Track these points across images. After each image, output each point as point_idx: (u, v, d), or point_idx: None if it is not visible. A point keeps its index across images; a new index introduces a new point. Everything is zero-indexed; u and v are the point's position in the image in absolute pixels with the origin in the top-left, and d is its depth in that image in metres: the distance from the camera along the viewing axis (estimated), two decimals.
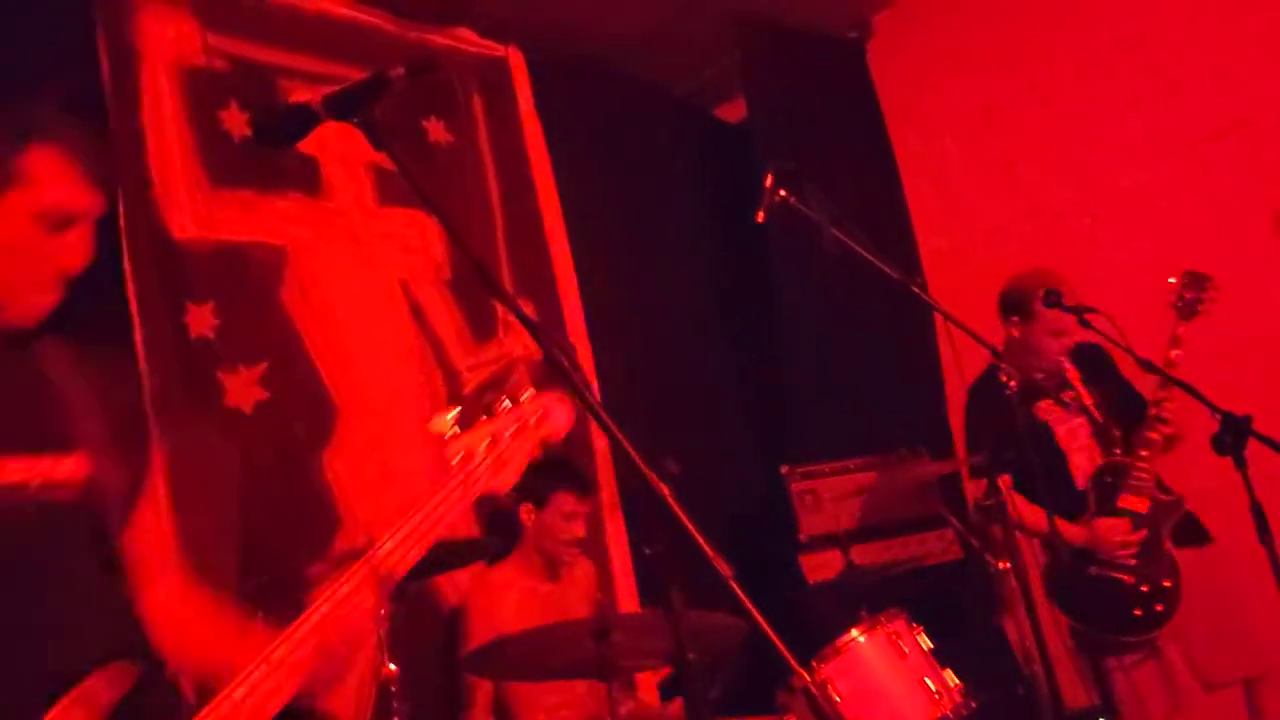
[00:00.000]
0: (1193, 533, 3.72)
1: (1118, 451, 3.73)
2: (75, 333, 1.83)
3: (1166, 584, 3.57)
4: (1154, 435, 3.60)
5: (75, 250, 1.70)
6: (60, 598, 1.71)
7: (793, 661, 1.36)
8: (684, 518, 1.46)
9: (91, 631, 1.73)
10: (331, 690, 1.75)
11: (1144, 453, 3.61)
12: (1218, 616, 3.62)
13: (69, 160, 1.68)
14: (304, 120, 1.80)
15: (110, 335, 3.21)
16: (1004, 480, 3.60)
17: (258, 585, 3.27)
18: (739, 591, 1.42)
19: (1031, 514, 3.50)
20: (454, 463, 1.71)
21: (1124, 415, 3.80)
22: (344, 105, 1.78)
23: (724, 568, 1.44)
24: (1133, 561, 3.58)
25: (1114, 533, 3.57)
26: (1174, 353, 3.55)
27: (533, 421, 1.77)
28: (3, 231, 1.64)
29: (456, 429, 1.73)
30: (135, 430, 1.87)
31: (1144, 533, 3.59)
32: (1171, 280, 3.64)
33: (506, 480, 1.76)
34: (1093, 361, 3.91)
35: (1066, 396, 3.84)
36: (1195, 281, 3.61)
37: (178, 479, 3.26)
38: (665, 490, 1.48)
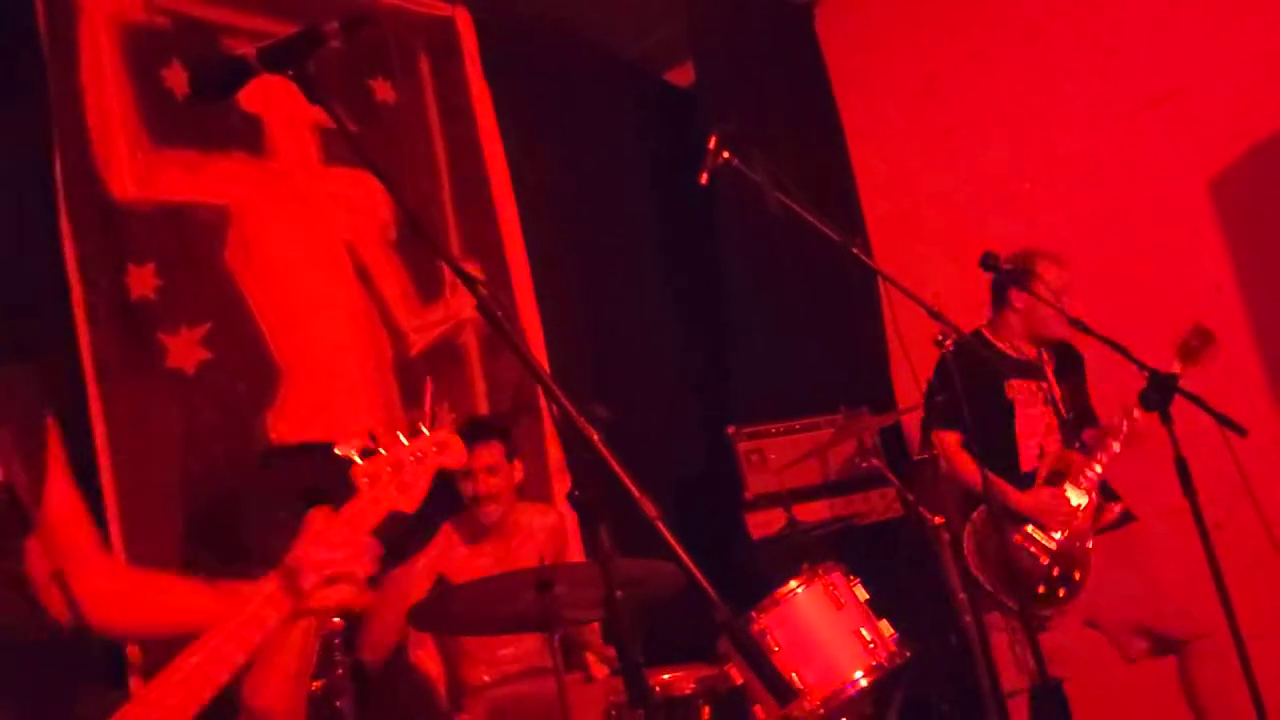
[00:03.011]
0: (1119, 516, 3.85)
1: (1077, 446, 3.84)
2: None
3: (1076, 575, 3.69)
4: (1117, 447, 3.73)
5: None
6: None
7: (714, 595, 1.41)
8: (612, 461, 1.50)
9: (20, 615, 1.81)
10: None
11: (1100, 458, 3.74)
12: (1135, 594, 3.76)
13: None
14: (238, 72, 1.80)
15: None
16: (952, 437, 3.70)
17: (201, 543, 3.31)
18: (665, 531, 1.46)
19: (972, 473, 3.60)
20: (362, 484, 1.90)
21: (1076, 415, 3.93)
22: (278, 58, 1.78)
23: (650, 508, 1.48)
24: (1054, 545, 3.70)
25: (1059, 504, 3.69)
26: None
27: (433, 450, 1.99)
28: None
29: (360, 457, 1.93)
30: (35, 437, 1.92)
31: (1083, 521, 3.71)
32: (1189, 327, 3.75)
33: (411, 501, 1.95)
34: (1065, 359, 4.03)
35: (1038, 385, 3.94)
36: (1202, 336, 3.72)
37: (117, 441, 3.26)
38: (594, 434, 1.52)
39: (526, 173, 4.74)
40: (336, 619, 2.79)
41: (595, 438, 1.53)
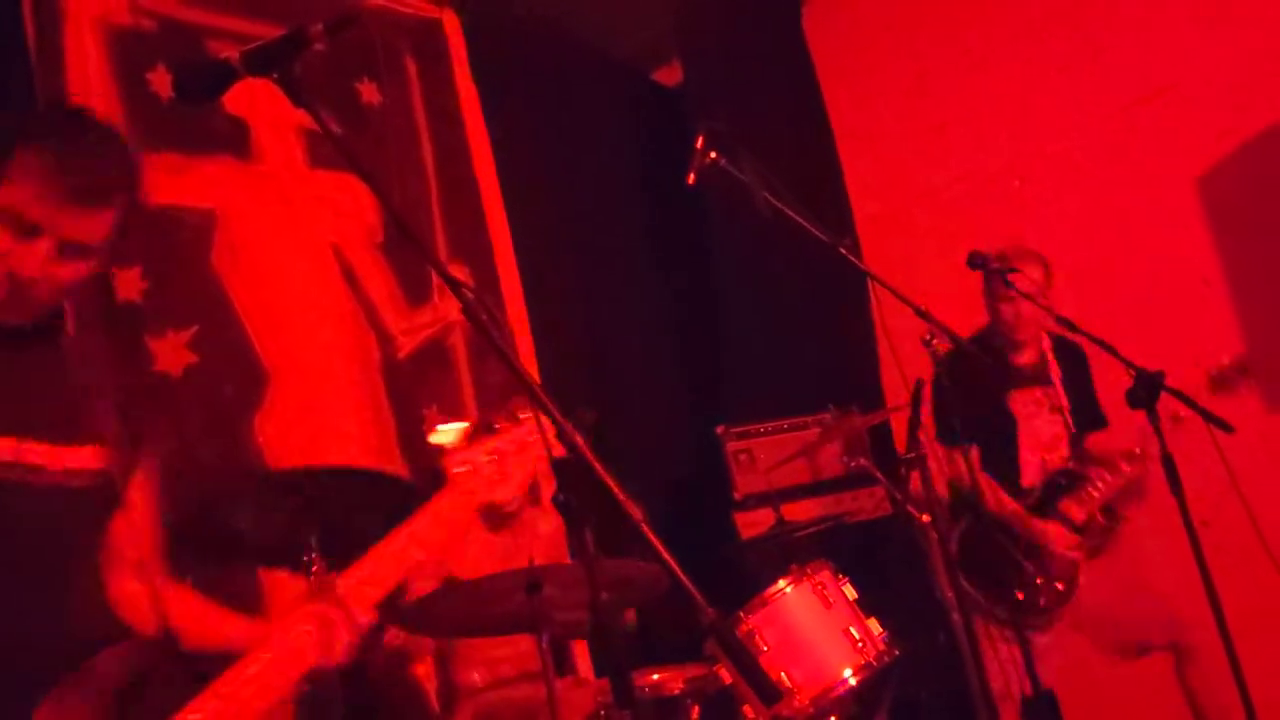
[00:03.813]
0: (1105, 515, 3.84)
1: (1078, 457, 3.84)
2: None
3: (1060, 586, 3.69)
4: (1115, 478, 3.71)
5: (32, 259, 1.69)
6: (68, 576, 1.80)
7: (699, 599, 1.41)
8: (597, 464, 1.50)
9: (97, 610, 1.83)
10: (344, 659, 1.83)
11: (1108, 477, 3.72)
12: (1125, 595, 3.76)
13: (54, 169, 1.67)
14: (223, 76, 1.79)
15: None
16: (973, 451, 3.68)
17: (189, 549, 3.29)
18: (649, 534, 1.46)
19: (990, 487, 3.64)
20: (456, 473, 1.81)
21: (1083, 419, 3.90)
22: (263, 61, 1.77)
23: (635, 511, 1.48)
24: (1035, 561, 3.69)
25: (1061, 541, 3.69)
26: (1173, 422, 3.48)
27: (533, 440, 1.86)
28: None
29: (459, 442, 1.85)
30: (136, 424, 1.93)
31: (1082, 545, 3.71)
32: (1224, 361, 3.69)
33: (508, 493, 1.86)
34: (1072, 360, 3.99)
35: (1044, 392, 3.91)
36: (1239, 369, 3.67)
37: None
38: (579, 438, 1.52)
39: (515, 174, 4.73)
40: None
41: (580, 441, 1.53)
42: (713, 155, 3.27)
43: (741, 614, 3.10)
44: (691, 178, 3.28)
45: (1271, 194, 4.56)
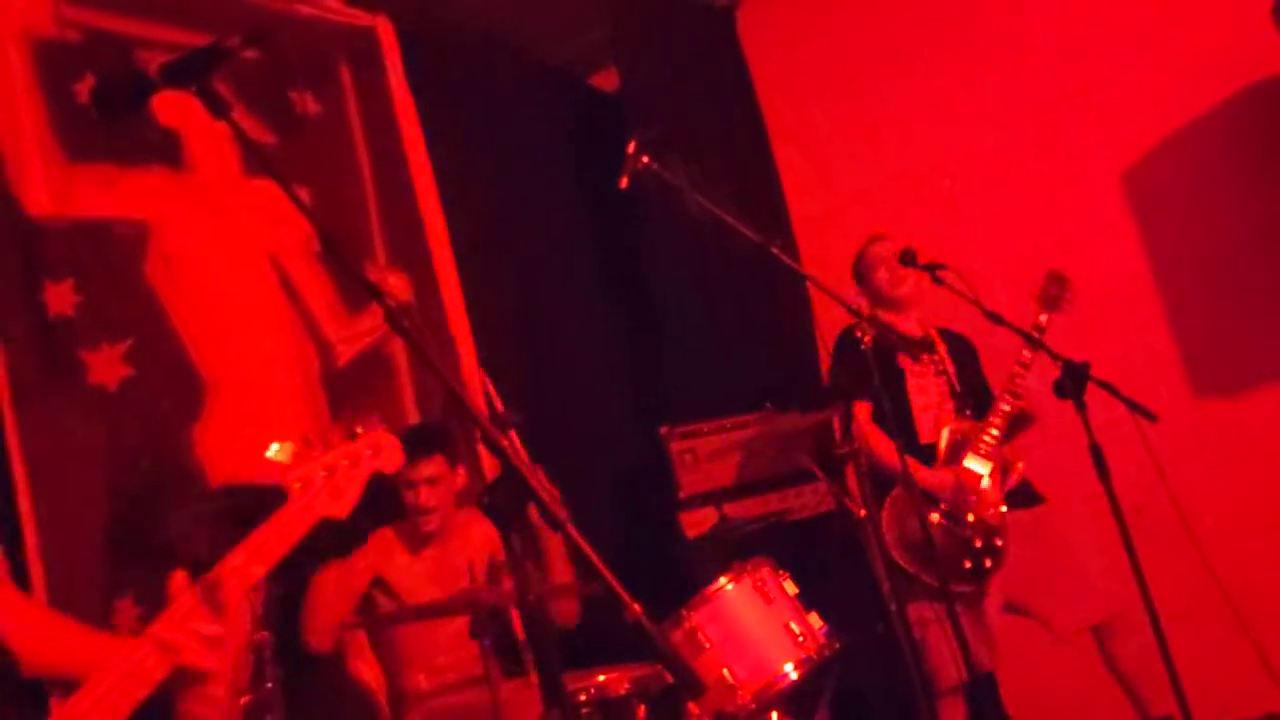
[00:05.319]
0: (1026, 496, 3.92)
1: (968, 414, 3.91)
2: None
3: (998, 543, 3.74)
4: (1006, 406, 3.78)
5: None
6: None
7: (625, 596, 1.43)
8: (521, 468, 1.53)
9: None
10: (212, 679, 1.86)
11: (995, 420, 3.79)
12: (1057, 572, 3.84)
13: None
14: (141, 89, 1.81)
15: None
16: (864, 408, 3.75)
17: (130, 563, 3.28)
18: (575, 534, 1.49)
19: (885, 448, 3.66)
20: (294, 489, 1.86)
21: (971, 397, 3.99)
22: (180, 73, 1.79)
23: (561, 512, 1.50)
24: (971, 517, 3.75)
25: (967, 483, 3.74)
26: (1036, 334, 3.70)
27: (367, 454, 1.93)
28: None
29: (291, 459, 1.89)
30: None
31: (991, 489, 3.77)
32: (1044, 276, 3.86)
33: (343, 507, 1.90)
34: (957, 346, 4.10)
35: (929, 358, 4.01)
36: (1058, 281, 3.82)
37: (36, 461, 3.21)
38: (502, 440, 1.54)
39: (453, 180, 4.73)
40: (265, 632, 2.78)
41: (503, 444, 1.55)
42: (645, 159, 3.31)
43: (684, 612, 3.14)
44: (624, 181, 3.31)
45: (1195, 188, 4.68)
